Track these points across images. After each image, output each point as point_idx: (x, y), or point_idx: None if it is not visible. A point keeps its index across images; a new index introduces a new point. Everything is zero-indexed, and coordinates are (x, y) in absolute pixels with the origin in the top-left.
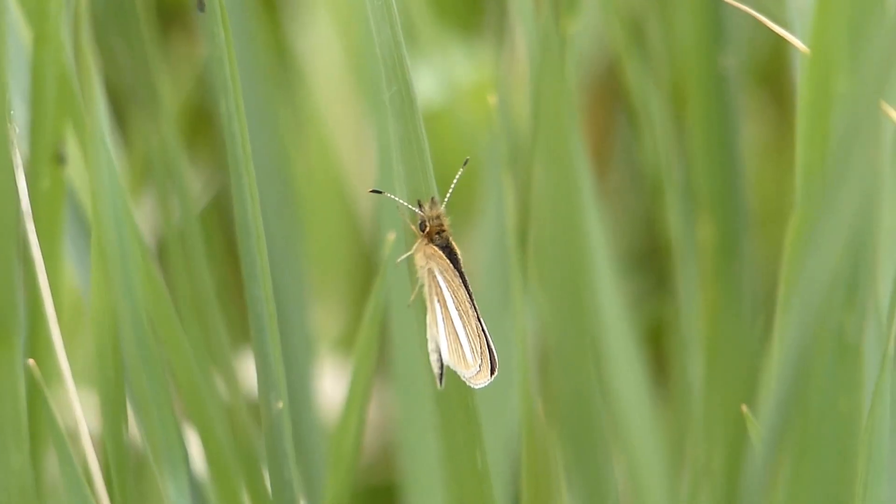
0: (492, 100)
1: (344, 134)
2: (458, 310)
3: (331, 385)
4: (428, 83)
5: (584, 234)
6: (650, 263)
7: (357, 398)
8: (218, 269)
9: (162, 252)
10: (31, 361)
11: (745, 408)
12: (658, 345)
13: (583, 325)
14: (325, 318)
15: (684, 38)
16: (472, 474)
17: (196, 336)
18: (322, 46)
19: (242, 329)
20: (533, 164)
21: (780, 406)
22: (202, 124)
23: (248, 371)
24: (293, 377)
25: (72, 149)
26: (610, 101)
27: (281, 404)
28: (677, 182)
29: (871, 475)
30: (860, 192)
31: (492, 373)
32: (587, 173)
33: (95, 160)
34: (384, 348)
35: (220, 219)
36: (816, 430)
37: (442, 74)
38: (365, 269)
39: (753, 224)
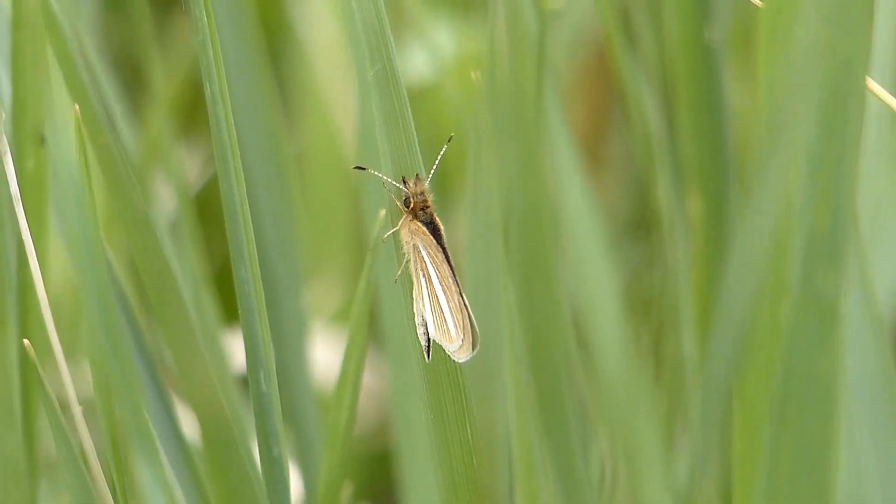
0: (475, 75)
1: (343, 109)
2: (441, 285)
3: (330, 359)
4: (418, 60)
5: (554, 208)
6: (647, 236)
7: (351, 371)
8: (219, 247)
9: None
10: (25, 342)
11: None
12: (651, 317)
13: (555, 306)
14: (324, 293)
15: (670, 11)
16: (463, 447)
17: (190, 313)
18: (321, 23)
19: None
20: (504, 139)
21: (723, 357)
22: (202, 106)
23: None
24: (288, 352)
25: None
26: (607, 78)
27: (268, 383)
28: (666, 155)
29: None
30: (806, 152)
31: (473, 347)
32: (569, 146)
33: (55, 143)
34: (380, 321)
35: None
36: (796, 392)
37: (432, 51)
38: (365, 244)
39: (742, 195)
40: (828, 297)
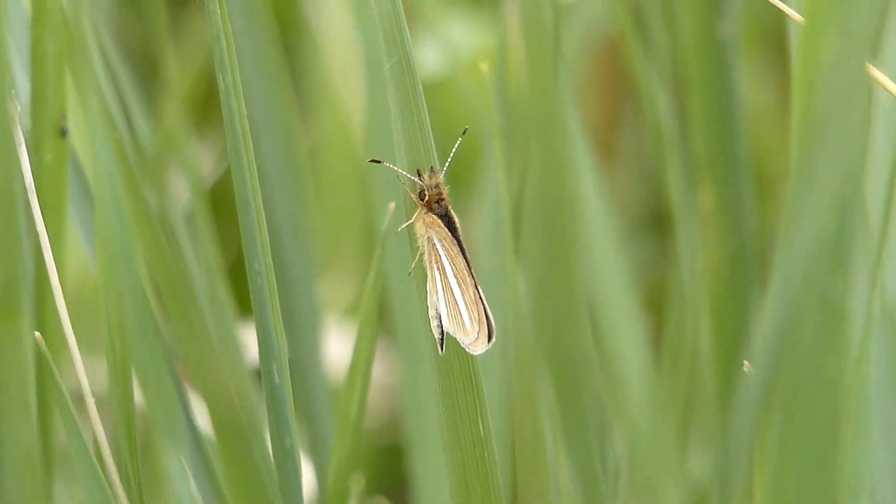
0: (484, 68)
1: (357, 103)
2: (456, 278)
3: (343, 353)
4: (431, 54)
5: (573, 201)
6: (659, 229)
7: (360, 363)
8: (234, 241)
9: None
10: (37, 334)
11: (747, 364)
12: (665, 310)
13: (571, 296)
14: (338, 286)
15: (682, 5)
16: (474, 441)
17: (203, 307)
18: (335, 17)
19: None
20: (523, 132)
21: (768, 369)
22: (217, 101)
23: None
24: (301, 346)
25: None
26: (620, 72)
27: (281, 375)
28: (679, 149)
29: (858, 434)
30: (844, 157)
31: (489, 340)
32: (582, 140)
33: (94, 135)
34: (392, 315)
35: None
36: (804, 394)
37: (445, 45)
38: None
39: (754, 188)
40: (835, 300)
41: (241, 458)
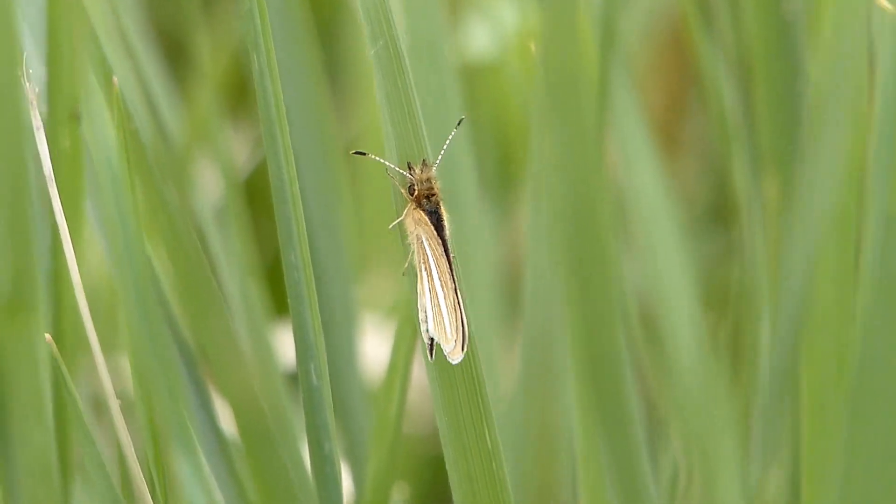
0: (533, 48)
1: None
2: (440, 280)
3: (383, 354)
4: (480, 36)
5: (610, 192)
6: (726, 223)
7: (399, 365)
8: (270, 239)
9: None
10: (47, 337)
11: None
12: (729, 309)
13: (609, 294)
14: (378, 285)
15: None
16: (482, 454)
17: (233, 305)
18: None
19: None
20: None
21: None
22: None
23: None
24: (338, 347)
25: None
26: (684, 59)
27: (319, 376)
28: (744, 138)
29: None
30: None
31: (462, 349)
32: (641, 129)
33: (93, 133)
34: None
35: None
36: (872, 380)
37: (493, 26)
38: None
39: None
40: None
41: (267, 465)
